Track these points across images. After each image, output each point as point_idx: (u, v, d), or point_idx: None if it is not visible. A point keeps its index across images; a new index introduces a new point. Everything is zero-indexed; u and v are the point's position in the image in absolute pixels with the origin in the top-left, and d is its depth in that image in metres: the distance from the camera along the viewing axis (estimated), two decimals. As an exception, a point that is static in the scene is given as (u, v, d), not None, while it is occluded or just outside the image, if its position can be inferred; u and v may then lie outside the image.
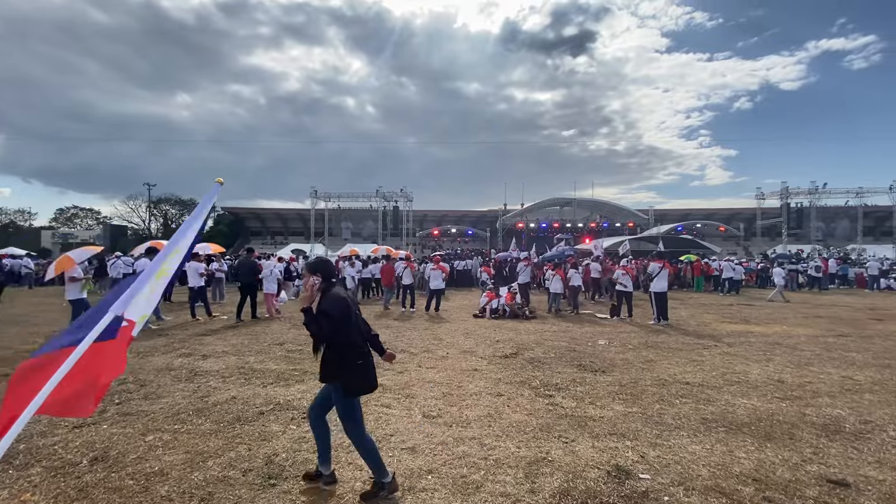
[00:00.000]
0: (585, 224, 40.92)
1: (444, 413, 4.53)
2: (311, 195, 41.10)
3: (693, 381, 5.72)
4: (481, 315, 11.63)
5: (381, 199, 41.30)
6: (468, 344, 8.08)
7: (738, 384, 5.59)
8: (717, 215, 46.60)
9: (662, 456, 3.58)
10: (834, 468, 3.39)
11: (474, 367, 6.38)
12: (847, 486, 3.13)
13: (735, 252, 35.32)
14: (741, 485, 3.13)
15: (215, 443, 3.78)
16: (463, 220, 48.98)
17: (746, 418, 4.41)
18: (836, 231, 42.77)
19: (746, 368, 6.35)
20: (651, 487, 3.09)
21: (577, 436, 3.98)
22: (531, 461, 3.47)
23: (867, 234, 41.05)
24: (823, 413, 4.57)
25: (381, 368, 6.24)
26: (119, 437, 3.89)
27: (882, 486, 3.12)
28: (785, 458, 3.54)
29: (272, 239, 49.60)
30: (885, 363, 6.69)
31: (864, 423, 4.29)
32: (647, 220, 41.10)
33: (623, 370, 6.26)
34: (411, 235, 43.55)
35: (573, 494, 2.99)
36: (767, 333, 9.26)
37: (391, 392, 5.19)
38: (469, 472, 3.29)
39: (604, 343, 8.17)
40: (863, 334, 9.20)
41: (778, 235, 40.75)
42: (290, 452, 3.61)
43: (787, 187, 39.21)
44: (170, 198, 58.62)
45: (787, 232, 39.15)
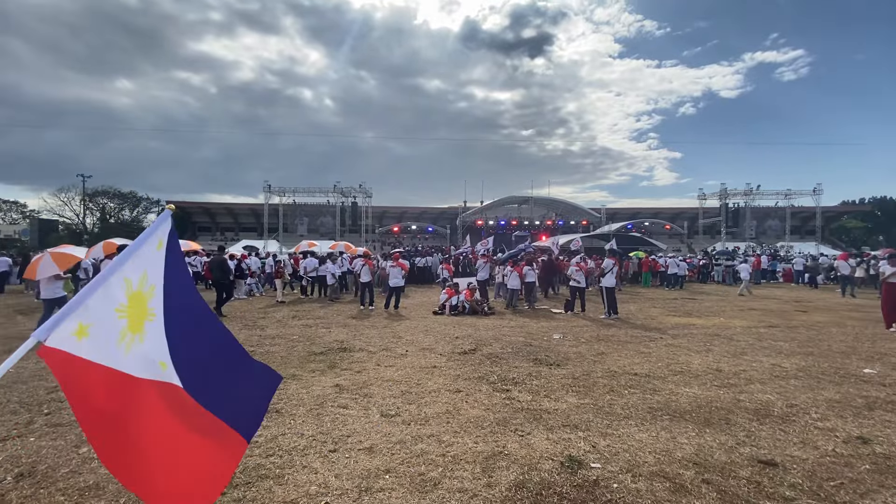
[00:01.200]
0: (542, 222, 42.00)
1: (402, 411, 4.51)
2: (265, 189, 39.60)
3: (641, 372, 6.02)
4: (441, 312, 11.67)
5: (338, 195, 40.49)
6: (427, 341, 8.08)
7: (681, 374, 5.93)
8: (664, 214, 49.24)
9: (612, 445, 3.74)
10: (764, 449, 3.68)
11: (433, 365, 6.39)
12: (775, 465, 3.40)
13: (679, 249, 37.47)
14: (683, 469, 3.32)
15: (158, 452, 3.57)
16: (423, 216, 48.92)
17: (688, 406, 4.69)
18: (767, 230, 46.31)
19: (689, 359, 6.76)
20: (601, 475, 3.22)
21: (532, 429, 4.08)
22: (488, 455, 3.52)
23: (794, 233, 44.75)
24: (755, 399, 4.94)
25: (339, 369, 6.14)
26: (48, 451, 3.59)
27: (805, 465, 3.42)
28: (722, 442, 3.80)
29: (222, 235, 47.37)
30: (809, 351, 7.33)
31: (791, 407, 4.67)
32: (600, 218, 42.77)
33: (576, 363, 6.48)
34: (370, 232, 42.98)
35: (528, 486, 3.07)
36: (707, 325, 9.89)
37: (348, 392, 5.10)
38: (427, 470, 3.29)
39: (558, 337, 8.42)
40: (790, 325, 10.03)
41: (717, 234, 43.59)
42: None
43: (725, 189, 42.03)
44: (108, 190, 54.38)
45: (725, 230, 41.96)
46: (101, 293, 1.67)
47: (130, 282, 1.76)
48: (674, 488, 3.05)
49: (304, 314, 11.48)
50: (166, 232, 1.90)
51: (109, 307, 1.68)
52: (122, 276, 1.73)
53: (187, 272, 2.04)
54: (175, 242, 1.92)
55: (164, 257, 1.86)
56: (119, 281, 1.72)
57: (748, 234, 42.93)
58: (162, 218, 1.93)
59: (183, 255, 2.02)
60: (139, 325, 1.74)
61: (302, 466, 3.35)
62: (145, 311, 1.77)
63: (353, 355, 6.93)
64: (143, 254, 1.82)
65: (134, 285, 1.76)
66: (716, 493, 2.99)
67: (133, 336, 1.71)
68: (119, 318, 1.69)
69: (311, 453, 3.55)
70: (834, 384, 5.50)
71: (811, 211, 43.66)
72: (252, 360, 2.02)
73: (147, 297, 1.79)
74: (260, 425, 1.94)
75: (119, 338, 1.68)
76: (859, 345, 7.82)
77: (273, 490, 3.02)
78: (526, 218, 42.94)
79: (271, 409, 4.48)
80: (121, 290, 1.72)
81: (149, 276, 1.81)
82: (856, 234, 54.60)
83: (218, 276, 11.56)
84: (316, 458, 3.48)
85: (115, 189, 54.84)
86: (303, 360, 6.60)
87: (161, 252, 1.86)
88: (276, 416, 4.32)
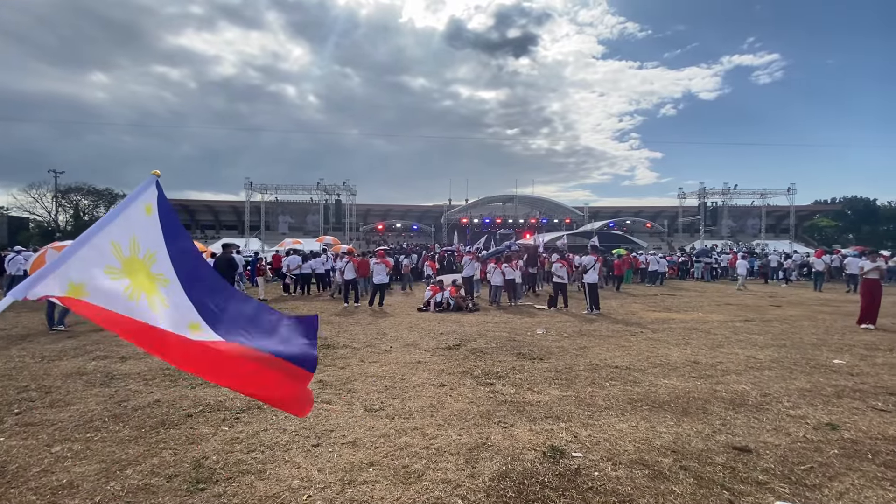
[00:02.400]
0: (526, 220, 42.30)
1: (386, 406, 4.50)
2: (247, 187, 38.91)
3: (621, 364, 6.12)
4: (425, 309, 11.67)
5: (322, 192, 40.02)
6: (412, 337, 8.08)
7: (660, 366, 6.06)
8: (645, 213, 50.09)
9: (593, 435, 3.80)
10: (739, 437, 3.79)
11: (418, 360, 6.39)
12: (749, 451, 3.51)
13: (660, 247, 38.19)
14: (661, 456, 3.40)
15: (135, 450, 3.49)
16: (408, 214, 48.77)
17: (667, 397, 4.80)
18: (744, 228, 47.51)
19: (668, 352, 6.90)
20: (583, 464, 3.27)
21: (515, 420, 4.12)
22: (472, 447, 3.55)
23: (769, 231, 46.01)
24: (731, 389, 5.08)
25: (322, 365, 6.08)
26: (20, 450, 3.48)
27: (777, 450, 3.53)
28: (699, 431, 3.90)
29: (202, 233, 46.47)
30: (782, 343, 7.56)
31: (764, 396, 4.82)
32: (583, 216, 43.28)
33: (559, 357, 6.56)
34: (355, 230, 42.65)
35: (511, 476, 3.10)
36: (686, 320, 10.11)
37: (332, 388, 5.07)
38: (411, 462, 3.30)
39: (542, 332, 8.51)
40: (764, 318, 10.33)
41: (696, 232, 44.55)
42: (221, 454, 3.42)
43: (704, 188, 42.94)
44: (81, 187, 52.61)
45: (703, 228, 42.91)
46: (86, 253, 1.61)
47: (119, 246, 1.69)
48: (652, 475, 3.12)
49: (286, 312, 11.32)
50: (154, 197, 1.84)
51: (98, 268, 1.61)
52: (109, 239, 1.67)
53: (189, 239, 2.01)
54: (168, 208, 1.88)
55: (158, 223, 1.80)
56: (105, 244, 1.65)
57: (726, 233, 43.99)
58: (146, 183, 1.87)
59: (179, 221, 1.98)
60: (152, 288, 1.70)
61: (284, 461, 3.32)
62: (150, 277, 1.73)
63: (337, 352, 6.89)
64: (129, 218, 1.74)
65: (125, 250, 1.70)
66: (692, 479, 3.07)
67: (150, 297, 1.67)
68: (113, 279, 1.63)
69: (293, 448, 3.52)
70: (805, 374, 5.68)
71: (785, 210, 44.96)
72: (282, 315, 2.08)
73: (147, 264, 1.74)
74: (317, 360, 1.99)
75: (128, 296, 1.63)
76: (829, 337, 8.10)
77: (254, 485, 2.98)
78: (510, 216, 43.20)
79: (252, 406, 4.43)
80: (110, 253, 1.65)
81: (140, 242, 1.75)
82: (827, 232, 56.49)
83: (227, 273, 11.79)
84: (299, 452, 3.45)
85: (89, 185, 53.10)
86: (285, 357, 6.52)
87: (153, 217, 1.80)
88: (257, 412, 4.27)
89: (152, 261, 1.77)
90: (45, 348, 6.89)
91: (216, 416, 4.21)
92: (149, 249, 1.77)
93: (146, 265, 1.74)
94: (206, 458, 3.36)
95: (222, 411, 4.32)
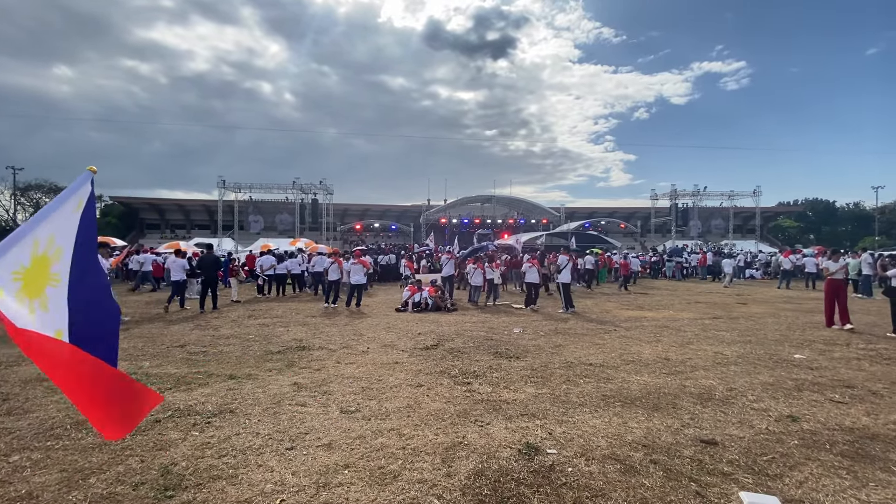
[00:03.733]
0: (504, 220, 42.64)
1: (362, 407, 4.47)
2: (219, 185, 37.90)
3: (595, 362, 6.25)
4: (403, 309, 11.63)
5: (298, 192, 39.32)
6: (389, 338, 8.03)
7: (632, 363, 6.21)
8: (619, 213, 51.24)
9: (568, 431, 3.87)
10: (706, 430, 3.92)
11: (395, 361, 6.36)
12: (716, 444, 3.64)
13: (633, 247, 39.11)
14: (633, 451, 3.49)
15: (99, 458, 3.36)
16: (386, 214, 48.49)
17: (639, 393, 4.92)
18: (712, 228, 49.14)
19: (640, 349, 7.08)
20: (557, 461, 3.32)
21: (491, 419, 4.15)
22: (448, 446, 3.56)
23: (736, 231, 47.70)
24: (699, 384, 5.25)
25: (297, 367, 5.99)
26: (-29, 462, 3.30)
27: (742, 442, 3.67)
28: (668, 425, 4.01)
29: (172, 233, 45.06)
30: (747, 339, 7.86)
31: (730, 391, 5.00)
32: (559, 217, 43.90)
33: (535, 355, 6.64)
34: (332, 230, 42.11)
35: (487, 474, 3.13)
36: (657, 318, 10.40)
37: (307, 390, 5.00)
38: (387, 463, 3.28)
39: (518, 331, 8.60)
40: (731, 316, 10.71)
41: (668, 232, 45.81)
42: (191, 460, 3.32)
43: (675, 189, 44.17)
44: (42, 184, 50.19)
45: (675, 229, 44.17)
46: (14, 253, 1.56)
47: (38, 243, 1.65)
48: (624, 469, 3.20)
49: (260, 313, 11.11)
50: (86, 195, 1.80)
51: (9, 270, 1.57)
52: (34, 237, 1.62)
53: (94, 240, 1.95)
54: (92, 208, 1.84)
55: (78, 220, 1.75)
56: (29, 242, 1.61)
57: (695, 233, 45.38)
58: (82, 179, 1.83)
59: (95, 222, 1.93)
60: (38, 290, 1.64)
61: (257, 465, 3.25)
62: (46, 275, 1.67)
63: (313, 353, 6.79)
64: (58, 214, 1.72)
65: (41, 247, 1.65)
66: (662, 472, 3.16)
67: (32, 302, 1.60)
68: (14, 280, 1.57)
69: (266, 452, 3.46)
70: (768, 369, 5.92)
71: (751, 211, 46.75)
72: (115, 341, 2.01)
73: (51, 261, 1.69)
74: None
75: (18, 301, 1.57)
76: (791, 333, 8.46)
77: (226, 490, 2.91)
78: (489, 216, 43.46)
79: (224, 410, 4.33)
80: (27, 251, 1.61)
81: (56, 238, 1.70)
82: (790, 232, 59.01)
83: (211, 274, 11.89)
84: (272, 456, 3.39)
85: (50, 183, 50.63)
86: (259, 360, 6.40)
87: (77, 214, 1.76)
88: (229, 416, 4.17)
89: (57, 259, 1.73)
90: (2, 353, 6.55)
91: (186, 420, 4.09)
92: (59, 247, 1.73)
93: (49, 263, 1.71)
94: (175, 464, 3.26)
95: (192, 416, 4.20)
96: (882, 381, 5.36)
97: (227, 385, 5.13)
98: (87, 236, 1.80)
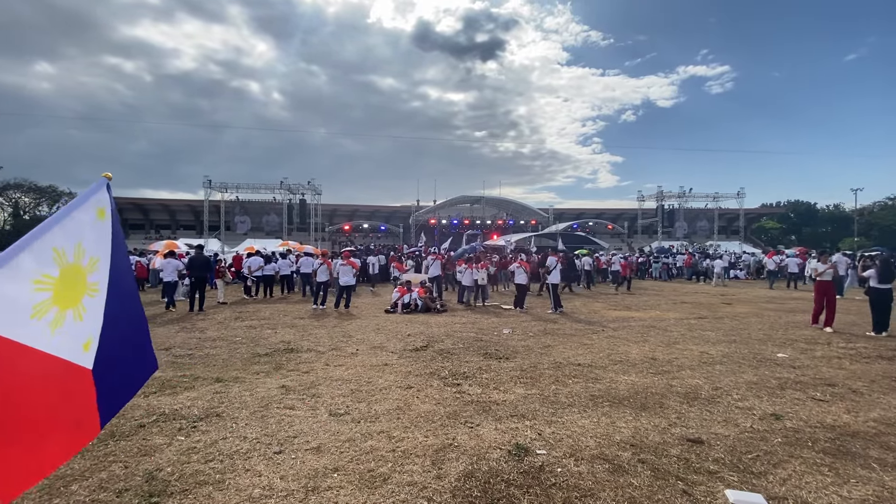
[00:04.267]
0: (493, 221, 42.75)
1: (351, 410, 4.44)
2: (205, 185, 37.35)
3: (584, 362, 6.30)
4: (393, 310, 11.59)
5: (286, 192, 38.92)
6: (379, 339, 8.00)
7: (620, 363, 6.27)
8: (606, 215, 51.72)
9: (557, 432, 3.89)
10: (692, 429, 3.97)
11: (384, 363, 6.34)
12: (701, 442, 3.69)
13: (620, 248, 39.53)
14: (621, 451, 3.52)
15: (81, 464, 3.29)
16: (375, 215, 48.26)
17: (626, 392, 4.97)
18: (698, 229, 49.88)
19: (627, 349, 7.15)
20: (546, 461, 3.34)
21: (481, 420, 4.16)
22: (438, 448, 3.55)
23: (721, 233, 48.48)
24: (685, 384, 5.32)
25: (285, 370, 5.93)
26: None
27: (727, 441, 3.73)
28: (655, 424, 4.06)
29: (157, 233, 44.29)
30: (732, 339, 7.99)
31: (716, 390, 5.08)
32: (548, 218, 44.18)
33: (524, 356, 6.67)
34: (320, 230, 41.78)
35: (477, 475, 3.13)
36: (644, 318, 10.52)
37: (295, 393, 4.95)
38: (376, 466, 3.27)
39: (508, 332, 8.63)
40: (716, 316, 10.88)
41: (655, 233, 46.38)
42: (176, 465, 3.27)
43: (661, 191, 44.77)
44: (21, 183, 48.92)
45: (661, 230, 44.76)
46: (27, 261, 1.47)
47: (63, 252, 1.55)
48: (612, 469, 3.23)
49: (247, 315, 10.98)
50: (107, 201, 1.75)
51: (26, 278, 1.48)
52: (51, 244, 1.53)
53: (125, 249, 1.94)
54: (116, 215, 1.80)
55: (109, 229, 1.71)
56: (46, 250, 1.51)
57: (681, 234, 46.03)
58: (98, 185, 1.77)
59: (122, 233, 1.91)
60: (74, 301, 1.57)
61: (244, 470, 3.21)
62: (84, 285, 1.61)
63: (301, 356, 6.73)
64: (77, 222, 1.63)
65: (69, 257, 1.57)
66: (650, 471, 3.19)
67: (63, 312, 1.53)
68: (37, 290, 1.50)
69: (254, 456, 3.42)
70: (752, 368, 6.03)
71: (735, 212, 47.58)
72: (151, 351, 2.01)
73: (87, 271, 1.63)
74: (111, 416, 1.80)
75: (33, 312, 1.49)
76: (774, 333, 8.63)
77: (212, 496, 2.87)
78: (478, 217, 43.52)
79: (211, 414, 4.26)
80: (49, 260, 1.51)
81: (86, 247, 1.63)
82: (773, 233, 60.20)
83: (202, 274, 11.89)
84: (260, 460, 3.35)
85: (30, 182, 49.43)
86: (246, 363, 6.32)
87: (105, 223, 1.71)
88: (216, 420, 4.11)
89: (94, 269, 1.67)
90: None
91: (171, 425, 4.02)
92: (93, 256, 1.67)
93: (86, 273, 1.65)
94: (160, 469, 3.20)
95: (178, 420, 4.13)
96: (862, 380, 5.50)
97: (214, 388, 5.06)
98: (119, 243, 1.78)
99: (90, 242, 1.67)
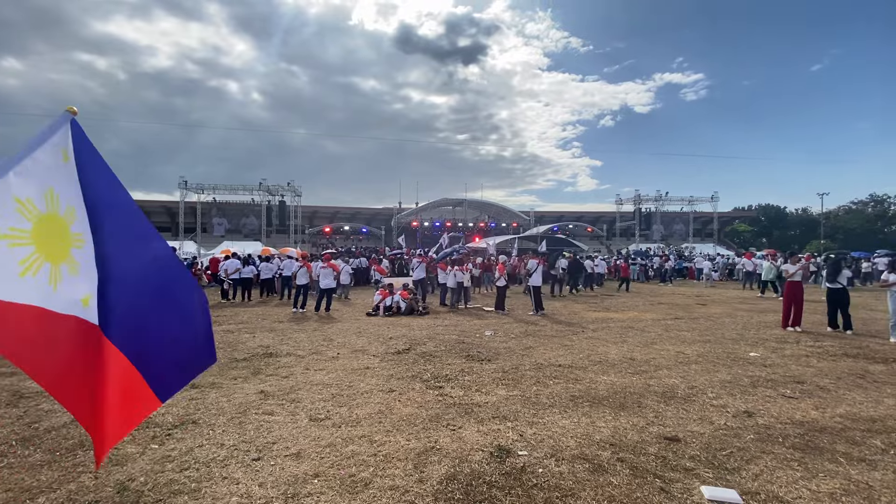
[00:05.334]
0: (475, 224, 42.92)
1: (332, 414, 4.38)
2: (181, 186, 36.46)
3: (564, 363, 6.37)
4: (374, 313, 11.50)
5: (265, 193, 38.31)
6: (360, 343, 7.93)
7: (600, 364, 6.36)
8: (586, 217, 52.46)
9: (538, 433, 3.92)
10: (669, 427, 4.06)
11: (366, 366, 6.28)
12: (678, 440, 3.77)
13: (599, 250, 40.18)
14: (601, 450, 3.57)
15: (49, 475, 3.15)
16: (357, 217, 47.85)
17: (606, 393, 5.05)
18: (674, 232, 51.12)
19: (606, 350, 7.27)
20: (528, 462, 3.36)
21: (463, 422, 4.16)
22: (420, 452, 3.54)
23: (696, 235, 49.81)
24: (663, 383, 5.43)
25: (264, 375, 5.82)
26: None
27: (702, 438, 3.83)
28: (634, 424, 4.14)
29: (130, 235, 42.85)
30: (707, 339, 8.21)
31: (691, 389, 5.21)
32: (529, 220, 44.62)
33: (506, 358, 6.71)
34: (300, 232, 41.21)
35: (459, 478, 3.13)
36: (623, 319, 10.71)
37: (274, 398, 4.86)
38: (358, 471, 3.23)
39: (490, 334, 8.66)
40: (692, 316, 11.16)
41: (632, 236, 47.33)
42: (150, 475, 3.17)
43: (639, 195, 45.77)
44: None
45: (639, 233, 45.71)
46: None
47: (30, 202, 1.40)
48: (592, 468, 3.27)
49: (224, 319, 10.74)
50: (67, 141, 1.52)
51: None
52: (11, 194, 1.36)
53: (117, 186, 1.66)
54: (90, 152, 1.56)
55: (75, 172, 1.49)
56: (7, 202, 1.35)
57: (658, 236, 47.10)
58: (58, 123, 1.53)
59: (106, 166, 1.63)
60: (63, 253, 1.43)
61: (222, 478, 3.13)
62: (68, 237, 1.45)
63: (280, 360, 6.62)
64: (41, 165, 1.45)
65: (40, 206, 1.42)
66: (628, 470, 3.25)
67: (57, 267, 1.41)
68: (11, 245, 1.34)
69: (232, 463, 3.34)
70: (726, 367, 6.21)
71: (710, 216, 48.99)
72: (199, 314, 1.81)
73: (67, 221, 1.47)
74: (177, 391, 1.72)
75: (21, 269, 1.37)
76: (747, 332, 8.90)
77: (188, 505, 2.79)
78: (460, 220, 43.64)
79: (186, 421, 4.15)
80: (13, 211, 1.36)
81: (59, 193, 1.46)
82: (745, 236, 62.16)
83: None
84: (238, 467, 3.27)
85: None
86: (223, 368, 6.17)
87: (69, 165, 1.50)
88: (192, 427, 4.00)
89: (73, 218, 1.49)
90: (-64, 366, 6.05)
91: (144, 433, 3.90)
92: (69, 204, 1.49)
93: (67, 223, 1.48)
94: (133, 479, 3.10)
95: (151, 428, 4.01)
96: (828, 377, 5.72)
97: (189, 395, 4.92)
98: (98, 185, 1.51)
99: (63, 188, 1.49)
